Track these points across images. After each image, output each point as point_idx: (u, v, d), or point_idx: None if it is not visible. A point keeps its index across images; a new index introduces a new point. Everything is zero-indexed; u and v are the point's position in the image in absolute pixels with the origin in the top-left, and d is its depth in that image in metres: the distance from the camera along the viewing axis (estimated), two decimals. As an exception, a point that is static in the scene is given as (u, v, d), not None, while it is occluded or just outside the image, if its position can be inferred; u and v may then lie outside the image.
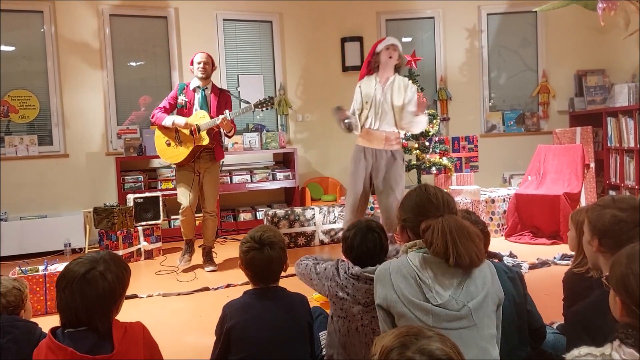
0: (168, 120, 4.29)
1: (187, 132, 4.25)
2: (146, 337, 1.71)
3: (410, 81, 4.12)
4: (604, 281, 1.46)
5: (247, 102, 4.28)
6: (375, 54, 3.98)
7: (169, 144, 4.36)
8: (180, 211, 4.41)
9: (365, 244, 2.11)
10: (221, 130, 4.34)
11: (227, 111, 4.19)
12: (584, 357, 1.29)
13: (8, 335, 1.86)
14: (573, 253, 2.21)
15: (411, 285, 1.58)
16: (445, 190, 1.80)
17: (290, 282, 2.20)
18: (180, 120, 4.26)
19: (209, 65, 4.37)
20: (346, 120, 3.92)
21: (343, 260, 2.18)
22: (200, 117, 4.27)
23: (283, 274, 2.10)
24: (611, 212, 1.72)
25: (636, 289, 1.27)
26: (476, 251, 1.59)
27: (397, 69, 4.03)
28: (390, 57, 3.92)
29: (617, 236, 1.69)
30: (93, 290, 1.58)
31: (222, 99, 4.40)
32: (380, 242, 2.13)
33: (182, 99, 4.38)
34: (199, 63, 4.32)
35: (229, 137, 4.43)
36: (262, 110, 4.40)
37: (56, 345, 1.54)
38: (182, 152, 4.29)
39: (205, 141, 4.22)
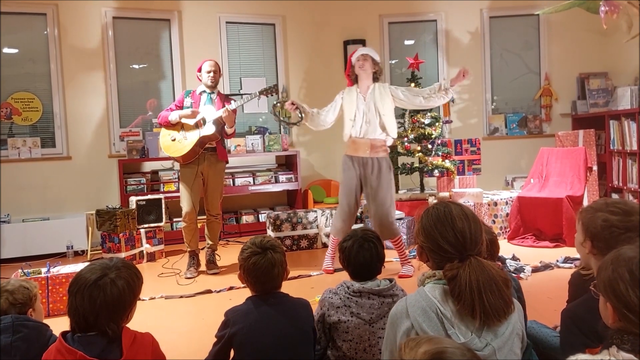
0: (174, 115, 4.34)
1: (192, 123, 4.29)
2: (155, 349, 1.73)
3: (387, 83, 4.21)
4: (591, 288, 1.44)
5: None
6: (352, 66, 4.15)
7: (173, 140, 4.36)
8: (182, 216, 4.40)
9: (362, 253, 2.14)
10: (225, 128, 4.35)
11: (232, 100, 4.28)
12: None
13: (18, 334, 1.87)
14: (576, 256, 2.21)
15: (431, 320, 1.44)
16: (472, 212, 1.60)
17: (292, 287, 2.19)
18: (185, 111, 4.33)
19: (217, 74, 4.44)
20: (298, 112, 4.11)
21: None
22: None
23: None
24: (603, 216, 1.72)
25: (626, 292, 1.26)
26: (504, 306, 1.46)
27: (376, 77, 4.11)
28: (362, 68, 4.07)
29: (607, 240, 1.69)
30: (104, 296, 1.60)
31: (227, 102, 4.42)
32: (377, 251, 2.17)
33: (188, 101, 4.44)
34: (208, 72, 4.38)
35: (228, 134, 4.42)
36: (267, 97, 4.50)
37: (66, 349, 1.55)
38: (187, 145, 4.29)
39: (211, 131, 4.25)
